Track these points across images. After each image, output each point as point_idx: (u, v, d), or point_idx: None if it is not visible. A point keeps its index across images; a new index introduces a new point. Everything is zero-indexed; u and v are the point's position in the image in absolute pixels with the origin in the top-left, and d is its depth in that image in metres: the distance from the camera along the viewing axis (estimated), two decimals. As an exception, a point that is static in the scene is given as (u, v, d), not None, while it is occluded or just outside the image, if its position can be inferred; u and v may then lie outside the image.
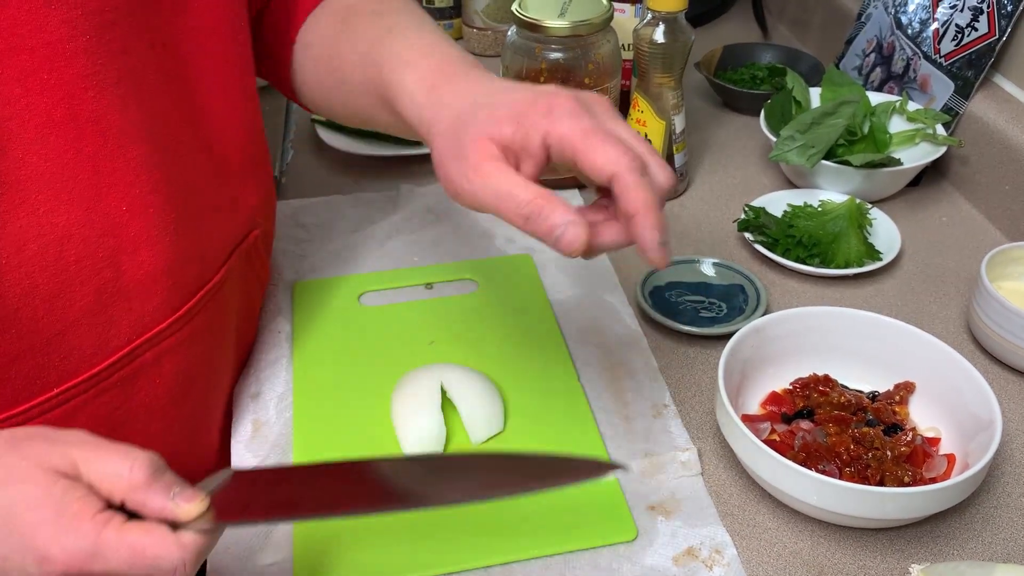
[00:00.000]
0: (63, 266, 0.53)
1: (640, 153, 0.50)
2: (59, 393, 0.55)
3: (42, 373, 0.54)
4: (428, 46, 0.60)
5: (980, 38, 0.93)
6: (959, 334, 0.78)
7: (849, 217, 0.86)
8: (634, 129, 0.52)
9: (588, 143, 0.49)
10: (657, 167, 0.50)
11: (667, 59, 0.88)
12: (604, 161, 0.48)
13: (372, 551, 0.59)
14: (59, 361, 0.54)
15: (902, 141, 0.96)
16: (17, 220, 0.50)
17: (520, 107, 0.51)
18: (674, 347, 0.77)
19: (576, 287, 0.83)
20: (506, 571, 0.58)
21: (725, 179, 1.00)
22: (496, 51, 1.30)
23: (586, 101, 0.52)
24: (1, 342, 0.52)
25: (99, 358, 0.56)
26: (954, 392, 0.65)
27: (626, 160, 0.48)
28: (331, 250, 0.88)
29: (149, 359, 0.59)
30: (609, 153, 0.48)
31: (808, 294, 0.83)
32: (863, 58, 1.07)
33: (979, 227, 0.92)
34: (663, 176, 0.51)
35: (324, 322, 0.78)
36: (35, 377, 0.54)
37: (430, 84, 0.57)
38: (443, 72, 0.57)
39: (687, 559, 0.59)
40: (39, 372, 0.54)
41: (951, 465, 0.63)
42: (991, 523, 0.62)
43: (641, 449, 0.66)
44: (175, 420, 0.63)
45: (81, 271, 0.54)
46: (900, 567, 0.59)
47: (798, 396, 0.68)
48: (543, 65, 0.90)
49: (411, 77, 0.58)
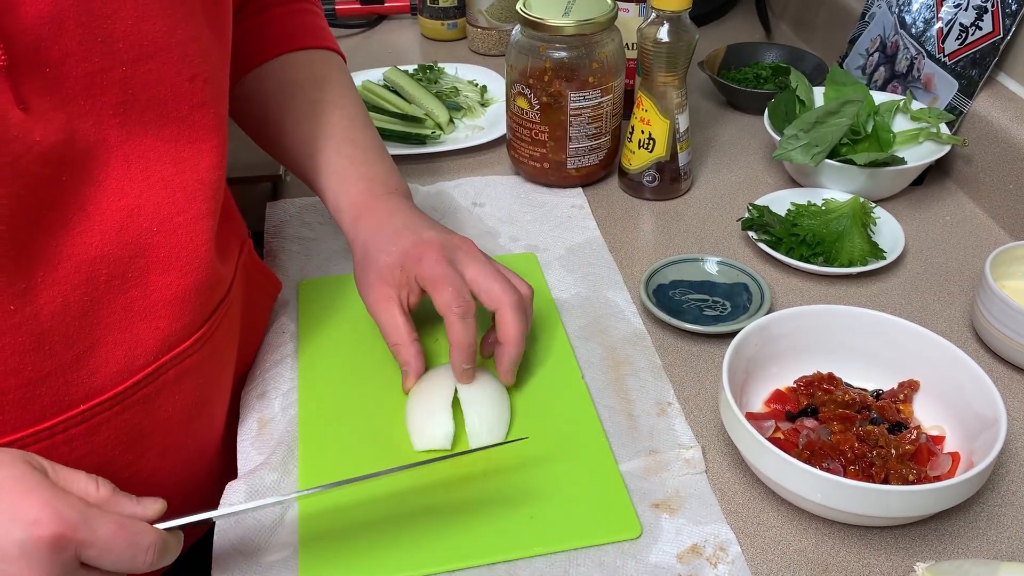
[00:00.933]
0: (94, 285, 0.53)
1: (477, 292, 0.67)
2: (84, 411, 0.56)
3: (69, 391, 0.55)
4: (361, 166, 0.75)
5: (984, 37, 0.93)
6: (963, 333, 0.78)
7: (853, 216, 0.86)
8: (488, 268, 0.68)
9: (435, 286, 0.66)
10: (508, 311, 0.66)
11: (671, 58, 0.88)
12: (440, 304, 0.66)
13: (376, 548, 0.59)
14: (86, 378, 0.55)
15: (906, 140, 0.96)
16: (54, 239, 0.51)
17: (403, 254, 0.68)
18: (678, 345, 0.77)
19: (580, 286, 0.83)
20: (510, 568, 0.58)
21: (729, 178, 1.00)
22: (500, 50, 1.30)
23: (450, 250, 0.68)
24: (32, 360, 0.52)
25: (125, 376, 0.57)
26: (958, 390, 0.65)
27: (455, 306, 0.65)
28: (336, 249, 0.88)
29: (172, 377, 0.60)
30: (444, 297, 0.65)
31: (812, 293, 0.83)
32: (867, 57, 1.07)
33: (983, 226, 0.92)
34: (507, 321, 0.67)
35: (329, 320, 0.78)
36: (62, 395, 0.54)
37: (354, 216, 0.73)
38: (366, 205, 0.73)
39: (691, 556, 0.59)
40: (66, 390, 0.55)
41: (955, 463, 0.63)
42: (996, 521, 0.62)
43: (645, 447, 0.66)
44: (188, 432, 0.64)
45: (111, 290, 0.54)
46: (905, 565, 0.59)
47: (802, 394, 0.68)
48: (547, 64, 0.90)
49: (344, 202, 0.74)
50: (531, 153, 0.95)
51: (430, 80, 1.16)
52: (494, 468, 0.64)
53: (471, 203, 0.95)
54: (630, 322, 0.78)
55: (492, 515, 0.61)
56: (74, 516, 0.46)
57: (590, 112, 0.92)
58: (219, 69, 0.61)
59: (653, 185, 0.95)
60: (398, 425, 0.68)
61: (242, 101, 0.78)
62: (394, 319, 0.68)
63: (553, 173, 0.96)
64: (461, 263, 0.68)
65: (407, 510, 0.61)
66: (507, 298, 0.66)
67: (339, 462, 0.65)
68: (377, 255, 0.70)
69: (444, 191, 0.96)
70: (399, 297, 0.68)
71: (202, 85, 0.57)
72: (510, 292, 0.67)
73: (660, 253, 0.88)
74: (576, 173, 0.96)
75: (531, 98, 0.92)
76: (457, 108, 1.11)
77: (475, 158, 1.04)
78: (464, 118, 1.11)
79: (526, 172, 0.98)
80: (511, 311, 0.66)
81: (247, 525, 0.61)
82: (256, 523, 0.61)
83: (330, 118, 0.76)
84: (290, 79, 0.78)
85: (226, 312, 0.65)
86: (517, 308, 0.67)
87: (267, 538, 0.60)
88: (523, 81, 0.92)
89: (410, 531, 0.60)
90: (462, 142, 1.04)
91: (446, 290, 0.65)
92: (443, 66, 1.19)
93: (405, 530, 0.60)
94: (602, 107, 0.93)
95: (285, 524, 0.61)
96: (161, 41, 0.53)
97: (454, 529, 0.60)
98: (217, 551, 0.59)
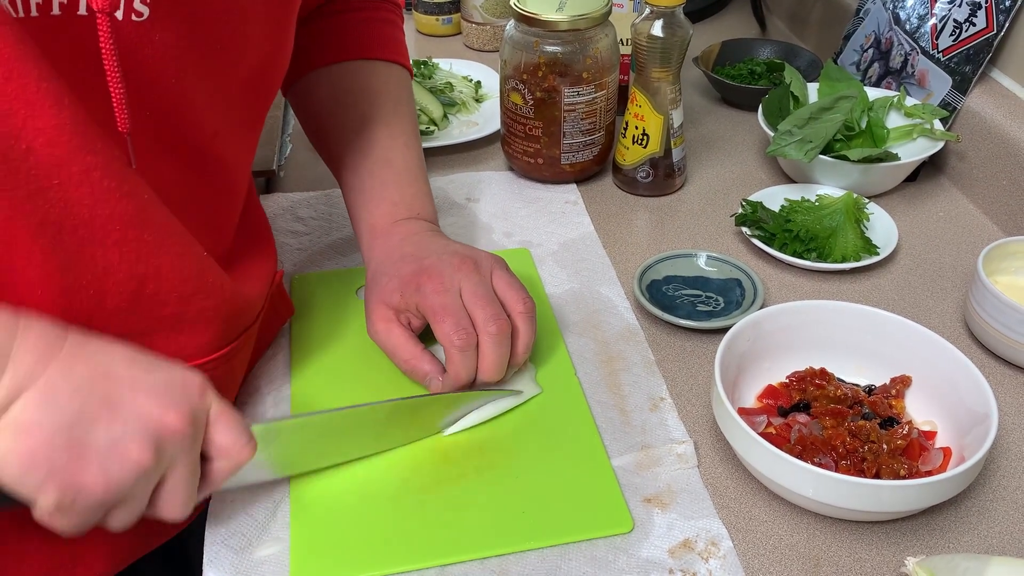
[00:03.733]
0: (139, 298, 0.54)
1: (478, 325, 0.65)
2: None
3: None
4: (391, 188, 0.75)
5: (978, 33, 0.93)
6: (956, 328, 0.78)
7: (846, 212, 0.86)
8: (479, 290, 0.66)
9: (434, 317, 0.65)
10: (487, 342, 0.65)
11: (665, 53, 0.88)
12: (439, 336, 0.65)
13: (368, 542, 0.59)
14: None
15: (900, 136, 0.96)
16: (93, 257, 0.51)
17: (403, 282, 0.67)
18: (671, 341, 0.77)
19: (573, 281, 0.83)
20: (502, 563, 0.58)
21: (723, 174, 1.00)
22: (495, 46, 1.30)
23: (450, 276, 0.66)
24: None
25: None
26: (950, 386, 0.65)
27: (456, 338, 0.64)
28: (328, 244, 0.88)
29: None
30: (443, 328, 0.64)
31: (805, 288, 0.83)
32: (861, 53, 1.07)
33: (976, 222, 0.92)
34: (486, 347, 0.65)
35: (321, 315, 0.78)
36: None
37: (369, 240, 0.74)
38: (382, 229, 0.73)
39: (683, 551, 0.59)
40: None
41: (947, 459, 0.63)
42: (987, 516, 0.62)
43: (638, 442, 0.66)
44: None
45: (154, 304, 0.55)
46: (896, 560, 0.59)
47: (794, 390, 0.68)
48: (541, 59, 0.90)
49: (364, 225, 0.75)
50: (525, 149, 0.95)
51: (424, 76, 1.16)
52: (486, 463, 0.64)
53: (465, 199, 0.95)
54: (623, 317, 0.78)
55: (484, 509, 0.61)
56: (187, 412, 0.49)
57: (584, 108, 0.92)
58: (249, 126, 0.62)
59: (647, 181, 0.95)
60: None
61: (299, 98, 0.79)
62: (396, 338, 0.67)
63: (547, 169, 0.96)
64: (458, 285, 0.66)
65: (399, 505, 0.61)
66: (491, 327, 0.64)
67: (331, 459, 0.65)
68: (380, 280, 0.70)
69: (438, 187, 0.96)
70: (399, 320, 0.68)
71: (222, 141, 0.58)
72: (494, 321, 0.64)
73: (654, 249, 0.88)
74: (570, 169, 0.96)
75: (525, 94, 0.92)
76: (451, 104, 1.11)
77: (469, 154, 1.04)
78: (458, 114, 1.11)
79: (520, 168, 0.98)
80: (491, 341, 0.64)
81: (238, 519, 0.61)
82: (248, 517, 0.61)
83: (372, 135, 0.76)
84: (344, 88, 0.77)
85: (247, 341, 0.65)
86: (498, 339, 0.65)
87: (259, 533, 0.60)
88: (517, 76, 0.92)
89: (402, 526, 0.60)
90: (456, 138, 1.04)
91: (445, 321, 0.64)
92: (437, 61, 1.19)
93: (397, 525, 0.60)
94: (596, 103, 0.93)
95: (277, 519, 0.61)
96: (197, 99, 0.54)
97: (446, 524, 0.60)
98: (208, 545, 0.59)
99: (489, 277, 0.67)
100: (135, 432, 0.46)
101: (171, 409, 0.48)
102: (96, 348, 0.48)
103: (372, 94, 0.77)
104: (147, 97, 0.50)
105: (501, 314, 0.65)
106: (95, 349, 0.48)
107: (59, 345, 0.46)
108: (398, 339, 0.67)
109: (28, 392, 0.44)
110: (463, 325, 0.64)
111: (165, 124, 0.53)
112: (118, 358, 0.48)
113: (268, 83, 0.62)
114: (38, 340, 0.46)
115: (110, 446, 0.46)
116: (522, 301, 0.67)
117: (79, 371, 0.46)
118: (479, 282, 0.66)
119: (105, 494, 0.46)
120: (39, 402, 0.44)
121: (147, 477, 0.47)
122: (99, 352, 0.48)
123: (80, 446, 0.45)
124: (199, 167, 0.57)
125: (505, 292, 0.67)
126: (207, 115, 0.55)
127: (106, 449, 0.46)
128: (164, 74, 0.50)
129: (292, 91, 0.80)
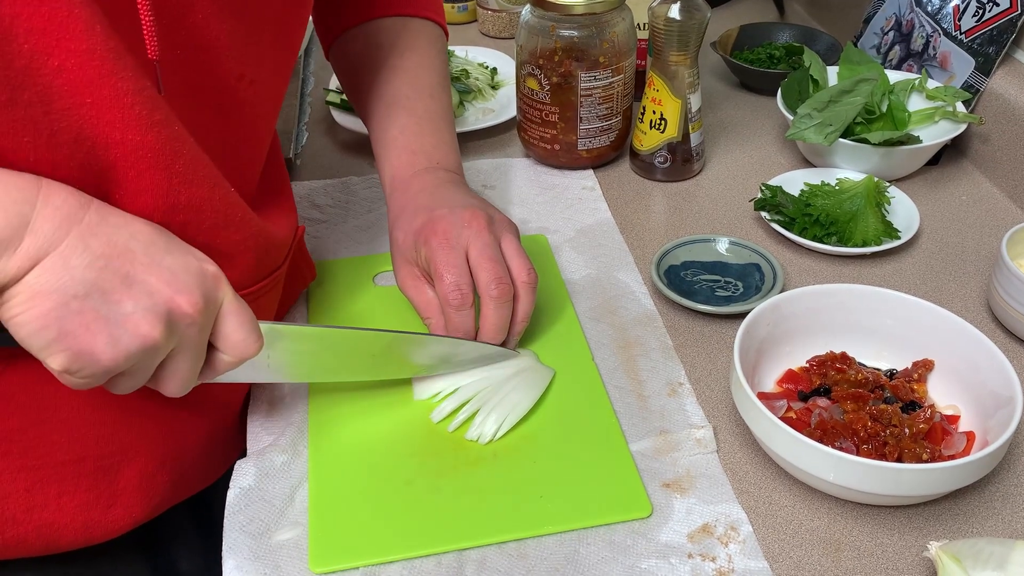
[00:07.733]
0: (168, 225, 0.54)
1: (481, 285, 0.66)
2: None
3: None
4: (412, 137, 0.76)
5: (1002, 13, 0.91)
6: (978, 312, 0.77)
7: (867, 195, 0.85)
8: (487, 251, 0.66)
9: (435, 273, 0.66)
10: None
11: (683, 37, 0.87)
12: (439, 291, 0.66)
13: (386, 527, 0.59)
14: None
15: (921, 119, 0.95)
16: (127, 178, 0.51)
17: (415, 235, 0.68)
18: (689, 326, 0.76)
19: (590, 267, 0.82)
20: (520, 547, 0.58)
21: (741, 158, 0.99)
22: (511, 33, 1.30)
23: (457, 231, 0.66)
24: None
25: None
26: (973, 370, 0.64)
27: (451, 297, 0.65)
28: (346, 231, 0.88)
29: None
30: (441, 286, 0.65)
31: (825, 273, 0.82)
32: (881, 36, 1.06)
33: (999, 205, 0.90)
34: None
35: (339, 302, 0.78)
36: None
37: (391, 190, 0.75)
38: (402, 180, 0.74)
39: (702, 536, 0.58)
40: None
41: (970, 443, 0.62)
42: (1011, 500, 0.61)
43: (656, 427, 0.66)
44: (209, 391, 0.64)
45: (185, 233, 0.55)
46: (918, 544, 0.58)
47: (815, 374, 0.68)
48: (557, 44, 0.89)
49: (387, 175, 0.76)
50: (542, 135, 0.95)
51: (440, 63, 1.16)
52: (503, 448, 0.64)
53: (481, 185, 0.95)
54: (641, 303, 0.78)
55: (502, 494, 0.61)
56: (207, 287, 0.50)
57: (601, 93, 0.91)
58: (274, 74, 0.62)
59: (665, 166, 0.94)
60: (409, 402, 0.68)
61: (338, 58, 0.82)
62: (422, 296, 0.69)
63: (564, 155, 0.95)
64: (466, 242, 0.67)
65: (416, 490, 0.61)
66: (493, 290, 0.65)
67: (350, 442, 0.65)
68: (396, 234, 0.71)
69: (454, 173, 0.96)
70: (424, 274, 0.69)
71: (247, 85, 0.58)
72: (497, 284, 0.65)
73: (672, 234, 0.87)
74: (587, 154, 0.95)
75: (541, 79, 0.91)
76: (467, 91, 1.10)
77: (486, 140, 1.04)
78: (474, 101, 1.10)
79: (537, 154, 0.97)
80: (493, 304, 0.65)
81: (257, 505, 0.61)
82: (266, 503, 0.61)
83: (398, 85, 0.77)
84: (377, 43, 0.80)
85: (275, 284, 0.66)
86: (500, 302, 0.65)
87: (276, 518, 0.60)
88: (533, 62, 0.91)
89: (419, 510, 0.60)
90: (472, 124, 1.04)
91: (444, 278, 0.66)
92: (453, 49, 1.19)
93: (414, 509, 0.60)
94: (613, 87, 0.92)
95: (295, 504, 0.61)
96: (223, 39, 0.54)
97: (464, 508, 0.60)
98: (227, 532, 0.59)
99: (498, 239, 0.68)
100: (147, 309, 0.47)
101: (184, 293, 0.49)
102: (117, 222, 0.49)
103: (403, 48, 0.79)
104: (177, 30, 0.51)
105: (505, 277, 0.66)
106: (117, 223, 0.48)
107: (80, 215, 0.47)
108: (424, 296, 0.69)
109: (46, 260, 0.45)
110: (459, 284, 0.65)
111: (194, 61, 0.53)
112: (139, 236, 0.49)
113: (292, 29, 0.62)
114: (59, 208, 0.46)
115: (122, 319, 0.47)
116: (527, 271, 0.68)
117: (97, 246, 0.47)
118: (488, 243, 0.67)
119: (112, 363, 0.47)
120: (56, 270, 0.45)
121: (154, 353, 0.48)
122: (120, 227, 0.48)
123: (92, 315, 0.46)
124: (225, 111, 0.58)
125: (512, 258, 0.68)
126: (234, 56, 0.56)
127: (117, 321, 0.47)
128: (194, 7, 0.51)
129: (332, 52, 0.83)
